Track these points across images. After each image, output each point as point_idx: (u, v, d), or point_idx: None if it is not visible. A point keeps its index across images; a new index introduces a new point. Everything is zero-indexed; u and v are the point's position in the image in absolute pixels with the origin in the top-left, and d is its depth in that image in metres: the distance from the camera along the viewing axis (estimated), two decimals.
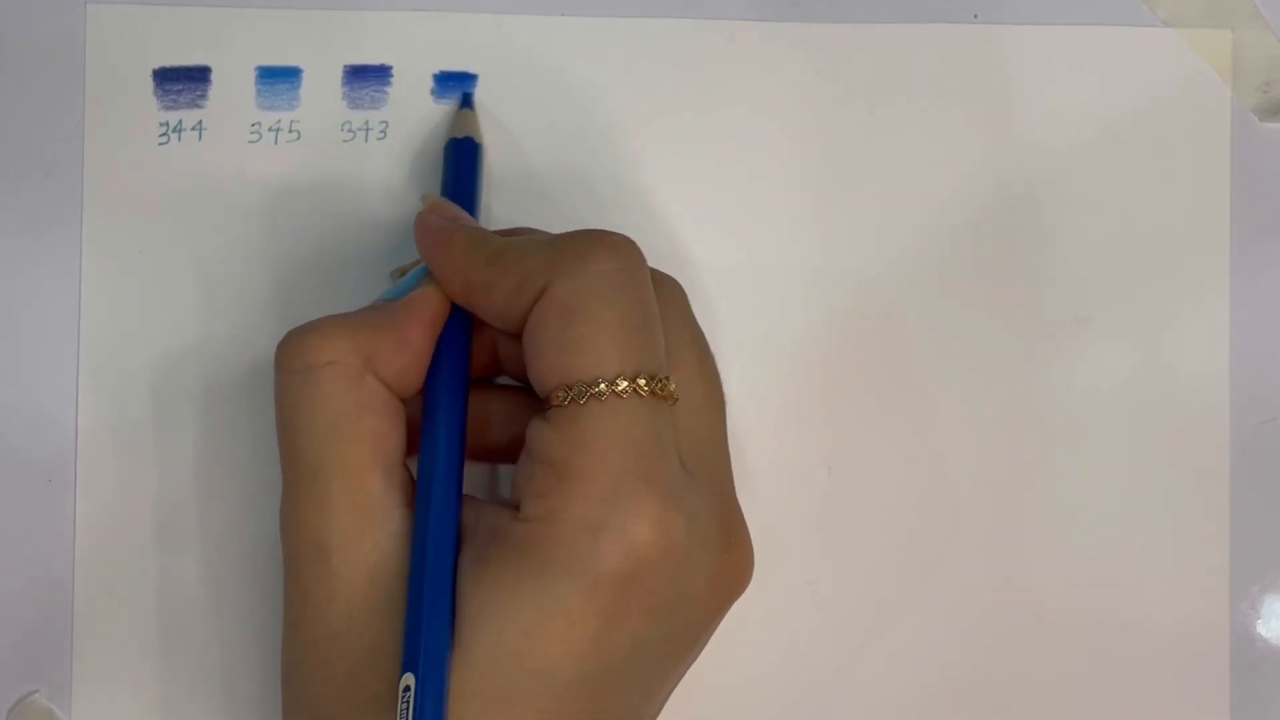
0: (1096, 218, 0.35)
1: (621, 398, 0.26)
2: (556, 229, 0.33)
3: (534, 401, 0.28)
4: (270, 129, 0.33)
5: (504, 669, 0.25)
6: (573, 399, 0.26)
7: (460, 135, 0.32)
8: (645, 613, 0.26)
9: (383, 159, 0.33)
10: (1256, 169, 0.35)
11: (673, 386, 0.27)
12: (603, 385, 0.26)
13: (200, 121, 0.33)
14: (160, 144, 0.33)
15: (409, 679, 0.25)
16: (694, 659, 0.29)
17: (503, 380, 0.32)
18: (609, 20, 0.34)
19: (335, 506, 0.27)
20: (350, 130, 0.33)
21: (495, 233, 0.29)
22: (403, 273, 0.31)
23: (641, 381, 0.26)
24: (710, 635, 0.29)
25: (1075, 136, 0.35)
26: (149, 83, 0.33)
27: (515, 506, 0.27)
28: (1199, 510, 0.35)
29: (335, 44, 0.33)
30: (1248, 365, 0.35)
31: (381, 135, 0.33)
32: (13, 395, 0.33)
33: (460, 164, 0.32)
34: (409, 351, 0.28)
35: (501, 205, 0.33)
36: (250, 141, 0.33)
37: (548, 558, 0.25)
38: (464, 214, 0.30)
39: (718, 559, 0.27)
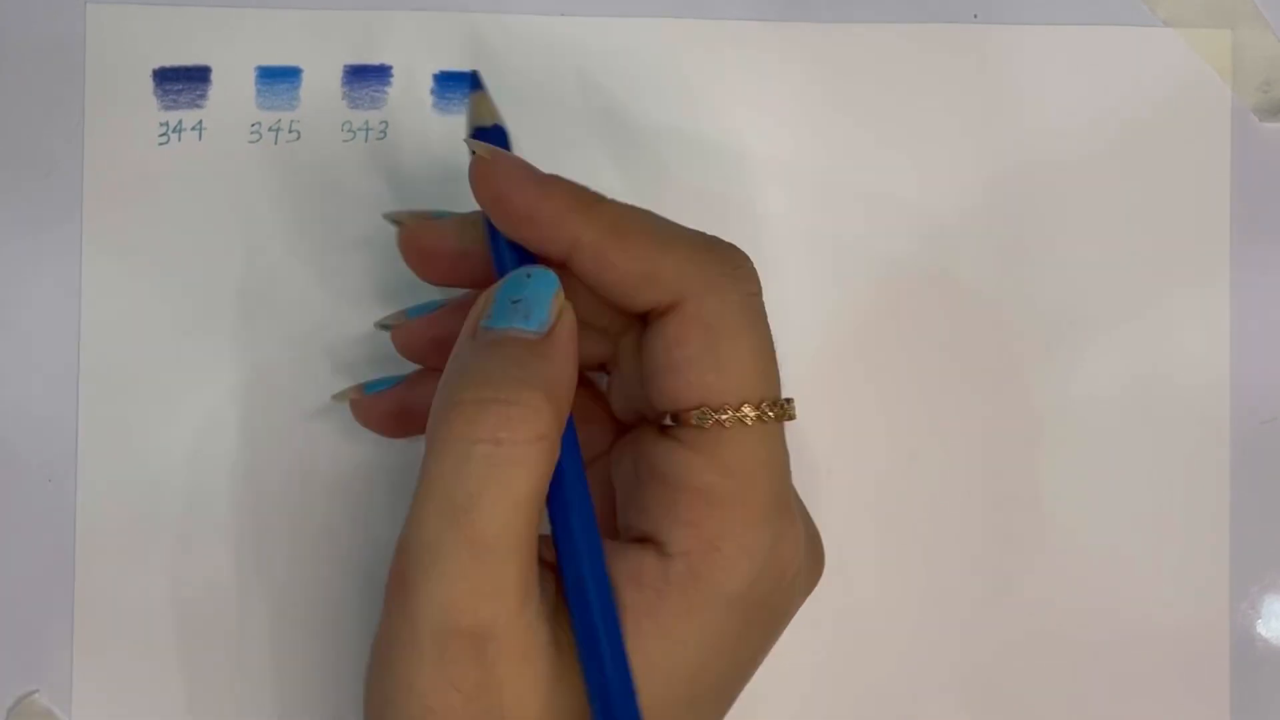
0: (1096, 217, 0.35)
1: (764, 423, 0.26)
2: None
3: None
4: (270, 129, 0.33)
5: (665, 713, 0.25)
6: (715, 422, 0.25)
7: (487, 124, 0.28)
8: (767, 624, 0.27)
9: (383, 159, 0.33)
10: (1256, 169, 0.35)
11: (794, 409, 0.27)
12: (747, 409, 0.25)
13: (200, 121, 0.33)
14: (160, 144, 0.33)
15: None
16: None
17: None
18: (609, 20, 0.34)
19: (505, 593, 0.24)
20: (350, 130, 0.33)
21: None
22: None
23: (776, 408, 0.26)
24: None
25: (1075, 136, 0.35)
26: (149, 83, 0.33)
27: (644, 540, 0.26)
28: (1199, 510, 0.35)
29: (335, 44, 0.33)
30: (1248, 365, 0.35)
31: (381, 135, 0.33)
32: (13, 395, 0.33)
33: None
34: (571, 401, 0.26)
35: None
36: (250, 141, 0.33)
37: (712, 592, 0.25)
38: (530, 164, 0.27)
39: (812, 562, 0.28)
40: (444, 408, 0.24)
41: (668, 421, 0.26)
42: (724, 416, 0.25)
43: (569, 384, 0.25)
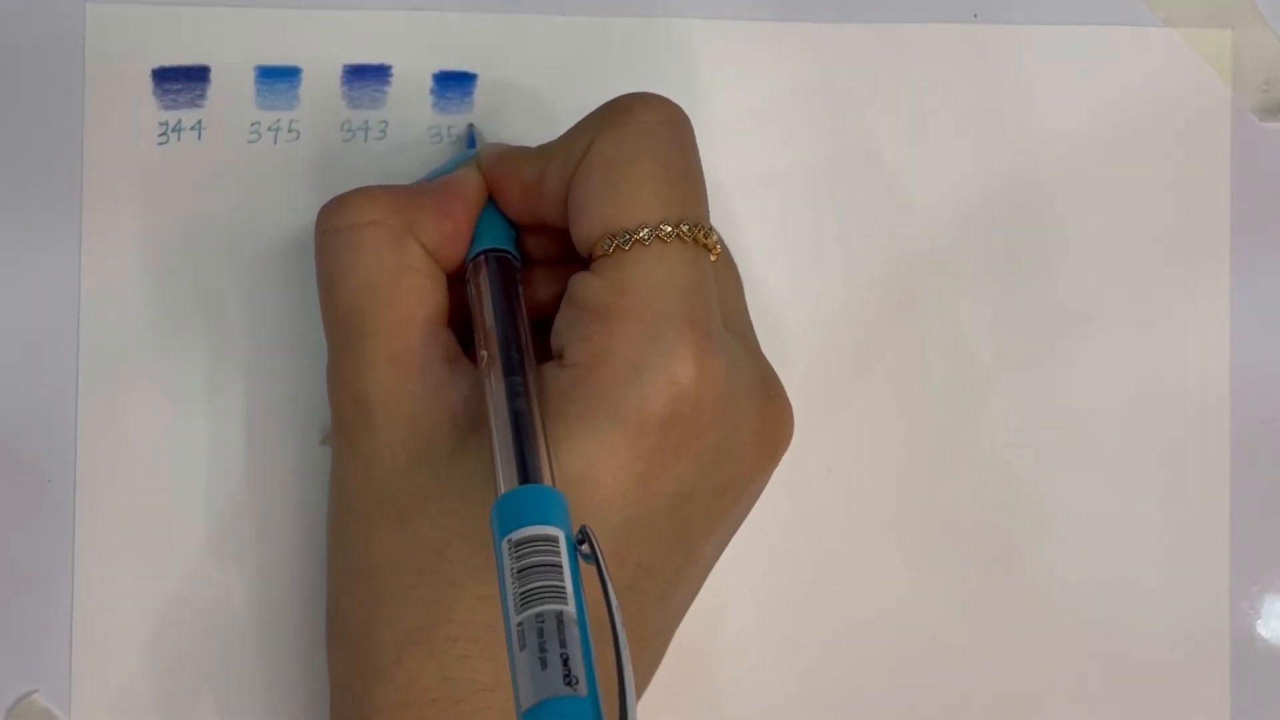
0: (1096, 217, 0.35)
1: (665, 243, 0.26)
2: None
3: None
4: (270, 129, 0.33)
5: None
6: (617, 247, 0.26)
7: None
8: (690, 456, 0.26)
9: (382, 158, 0.33)
10: (1256, 169, 0.35)
11: (715, 237, 0.28)
12: (645, 232, 0.26)
13: (200, 121, 0.33)
14: (160, 144, 0.33)
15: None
16: (738, 521, 0.29)
17: None
18: (609, 20, 0.34)
19: (376, 362, 0.27)
20: (350, 130, 0.33)
21: None
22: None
23: (685, 228, 0.27)
24: (755, 497, 0.29)
25: (1075, 136, 0.35)
26: (148, 82, 0.33)
27: (558, 357, 0.27)
28: (1199, 510, 0.35)
29: (335, 43, 0.33)
30: (1248, 365, 0.35)
31: (381, 135, 0.33)
32: (13, 395, 0.33)
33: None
34: (450, 221, 0.28)
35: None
36: (250, 141, 0.33)
37: (593, 399, 0.26)
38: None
39: (760, 410, 0.28)
40: None
41: (589, 259, 0.28)
42: (623, 241, 0.26)
43: (437, 206, 0.28)
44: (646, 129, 0.27)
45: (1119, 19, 0.35)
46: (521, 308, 0.28)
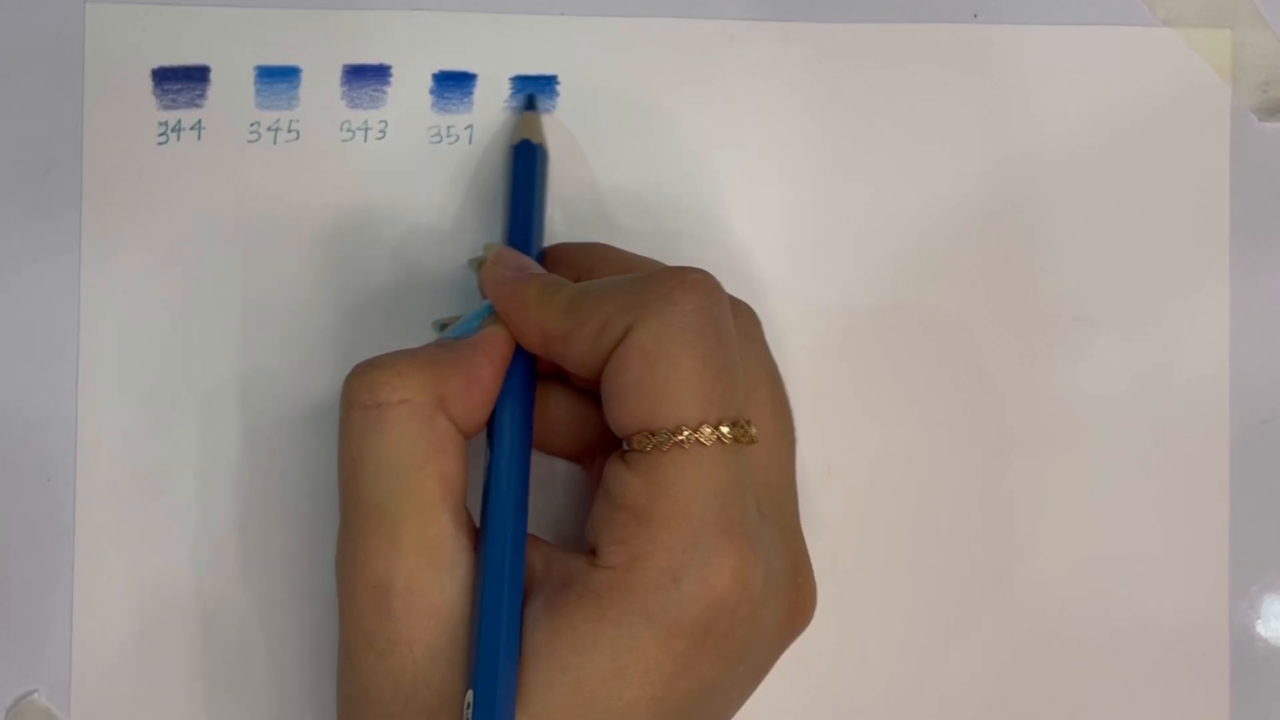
0: (1096, 217, 0.35)
1: (705, 445, 0.26)
2: (551, 229, 0.33)
3: (595, 402, 0.28)
4: (269, 128, 0.33)
5: (578, 715, 0.25)
6: (655, 445, 0.26)
7: (525, 139, 0.32)
8: (718, 657, 0.26)
9: (382, 158, 0.33)
10: (1256, 169, 0.35)
11: (754, 431, 0.27)
12: (686, 433, 0.26)
13: (199, 121, 0.33)
14: (159, 143, 0.33)
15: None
16: (752, 693, 0.29)
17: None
18: (609, 20, 0.34)
19: (403, 549, 0.26)
20: (349, 130, 0.33)
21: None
22: (443, 325, 0.30)
23: (725, 429, 0.26)
24: (769, 671, 0.29)
25: (1075, 136, 0.35)
26: (148, 82, 0.33)
27: (590, 551, 0.27)
28: (1199, 510, 0.35)
29: (334, 43, 0.33)
30: (1248, 365, 0.35)
31: (381, 135, 0.33)
32: (13, 395, 0.33)
33: (523, 170, 0.32)
34: (479, 391, 0.27)
35: (493, 209, 0.33)
36: (249, 141, 0.33)
37: (629, 605, 0.25)
38: (531, 263, 0.29)
39: (787, 601, 0.28)
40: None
41: (624, 446, 0.27)
42: (661, 441, 0.26)
43: (466, 373, 0.27)
44: (687, 320, 0.26)
45: (1119, 19, 0.35)
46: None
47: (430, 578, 0.26)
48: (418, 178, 0.33)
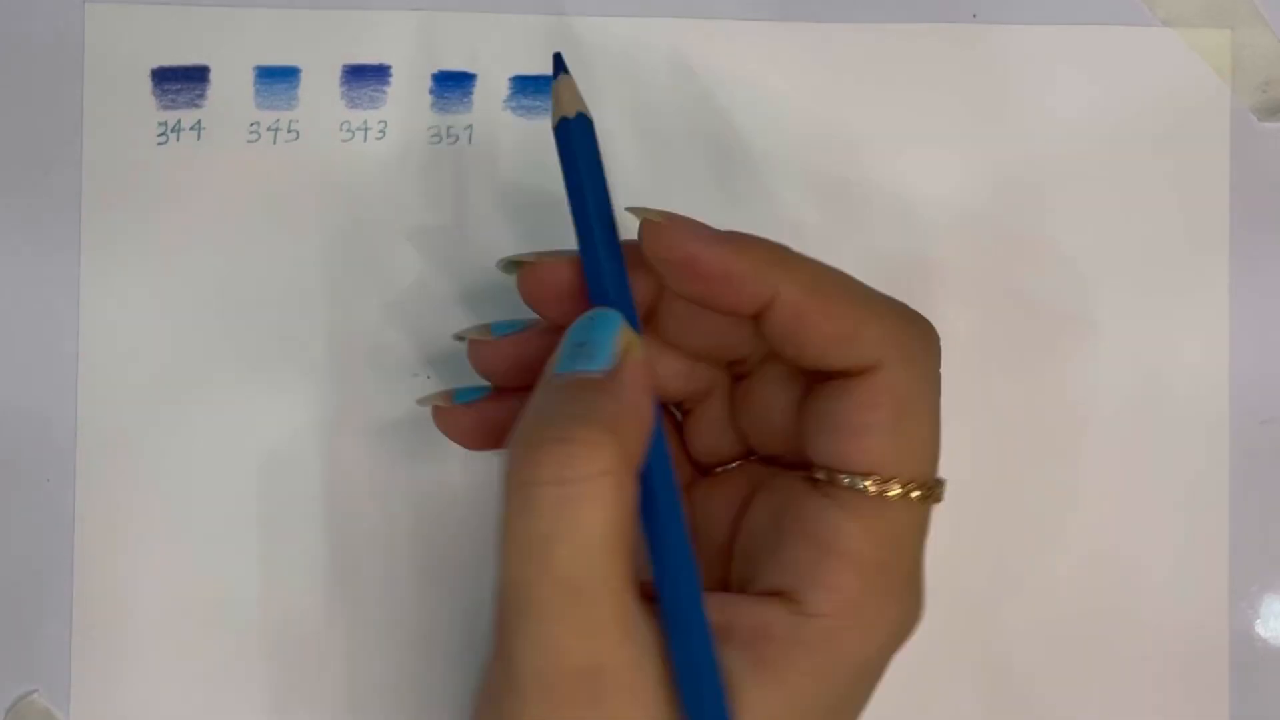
0: (1096, 217, 0.35)
1: (925, 503, 0.26)
2: (551, 233, 0.33)
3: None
4: (269, 128, 0.33)
5: None
6: (879, 492, 0.25)
7: (570, 114, 0.28)
8: (870, 688, 0.27)
9: (382, 158, 0.33)
10: (1256, 169, 0.35)
11: (943, 492, 0.27)
12: (917, 492, 0.26)
13: (199, 121, 0.33)
14: (159, 143, 0.33)
15: None
16: None
17: None
18: (609, 20, 0.34)
19: (607, 629, 0.24)
20: (349, 130, 0.33)
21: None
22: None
23: (938, 487, 0.26)
24: None
25: (1074, 136, 0.35)
26: (147, 82, 0.33)
27: (781, 594, 0.26)
28: (1199, 510, 0.35)
29: (334, 43, 0.33)
30: (1248, 365, 0.35)
31: (380, 135, 0.33)
32: (13, 395, 0.33)
33: (583, 149, 0.28)
34: (646, 429, 0.25)
35: (493, 209, 0.33)
36: (249, 141, 0.33)
37: (846, 657, 0.25)
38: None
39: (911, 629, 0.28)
40: (511, 451, 0.24)
41: (820, 476, 0.26)
42: (892, 490, 0.25)
43: (640, 418, 0.25)
44: (935, 373, 0.26)
45: (1119, 19, 0.35)
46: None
47: (633, 657, 0.24)
48: (417, 178, 0.33)
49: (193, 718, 0.33)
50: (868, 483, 0.25)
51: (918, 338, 0.26)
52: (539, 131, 0.34)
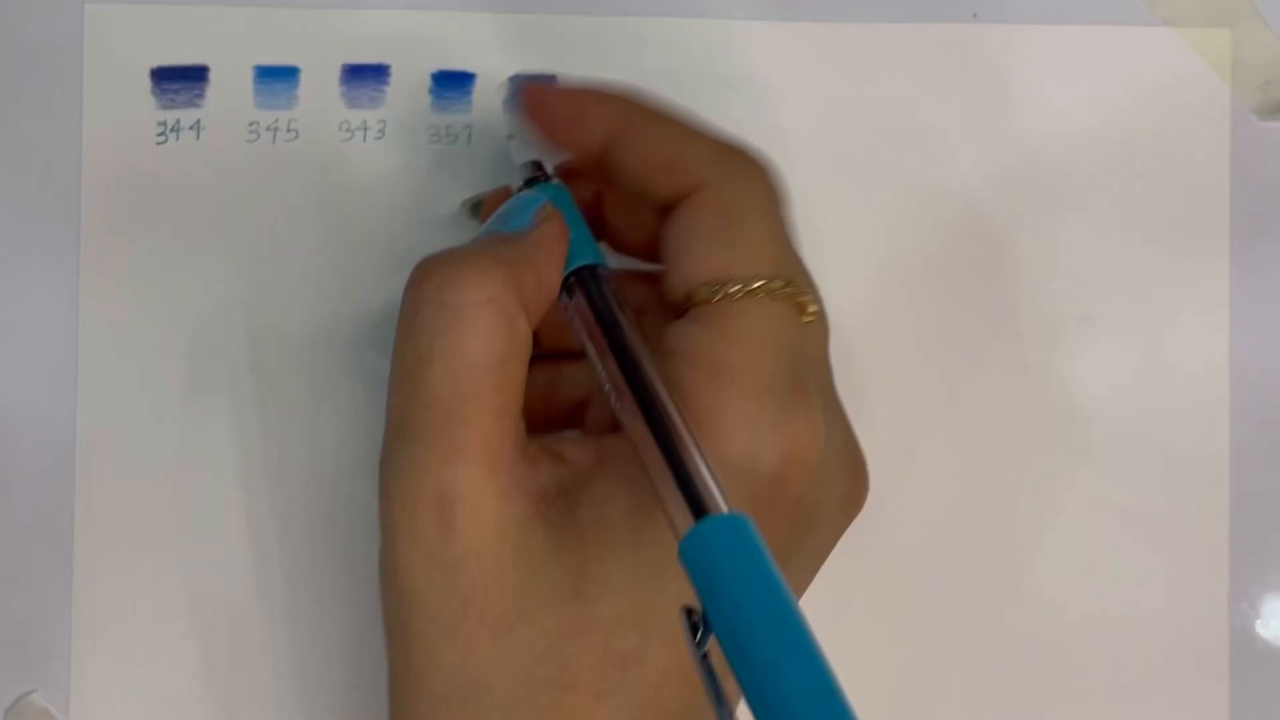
0: (1096, 217, 0.35)
1: (775, 300, 0.26)
2: None
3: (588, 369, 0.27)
4: (268, 128, 0.33)
5: (658, 578, 0.25)
6: (725, 295, 0.26)
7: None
8: (789, 522, 0.26)
9: (381, 158, 0.33)
10: (1256, 169, 0.35)
11: (813, 308, 0.27)
12: (759, 284, 0.26)
13: (198, 121, 0.33)
14: (158, 143, 0.33)
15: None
16: (811, 581, 0.28)
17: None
18: (609, 20, 0.34)
19: (468, 456, 0.24)
20: (348, 129, 0.33)
21: None
22: (473, 205, 0.30)
23: (791, 289, 0.26)
24: (828, 555, 0.28)
25: (1074, 136, 0.35)
26: (147, 82, 0.33)
27: None
28: (1199, 510, 0.35)
29: (333, 43, 0.33)
30: (1248, 365, 0.35)
31: (380, 134, 0.33)
32: (13, 395, 0.33)
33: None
34: (545, 293, 0.26)
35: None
36: (248, 141, 0.33)
37: (713, 456, 0.24)
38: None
39: (849, 474, 0.27)
40: (409, 276, 0.26)
41: (686, 303, 0.27)
42: (734, 289, 0.26)
43: (539, 270, 0.26)
44: (768, 185, 0.27)
45: (1119, 19, 0.35)
46: (633, 323, 0.26)
47: (501, 489, 0.24)
48: (417, 178, 0.33)
49: (192, 718, 0.33)
50: (708, 289, 0.26)
51: (739, 159, 0.27)
52: None
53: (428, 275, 0.25)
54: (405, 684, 0.25)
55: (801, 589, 0.28)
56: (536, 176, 0.29)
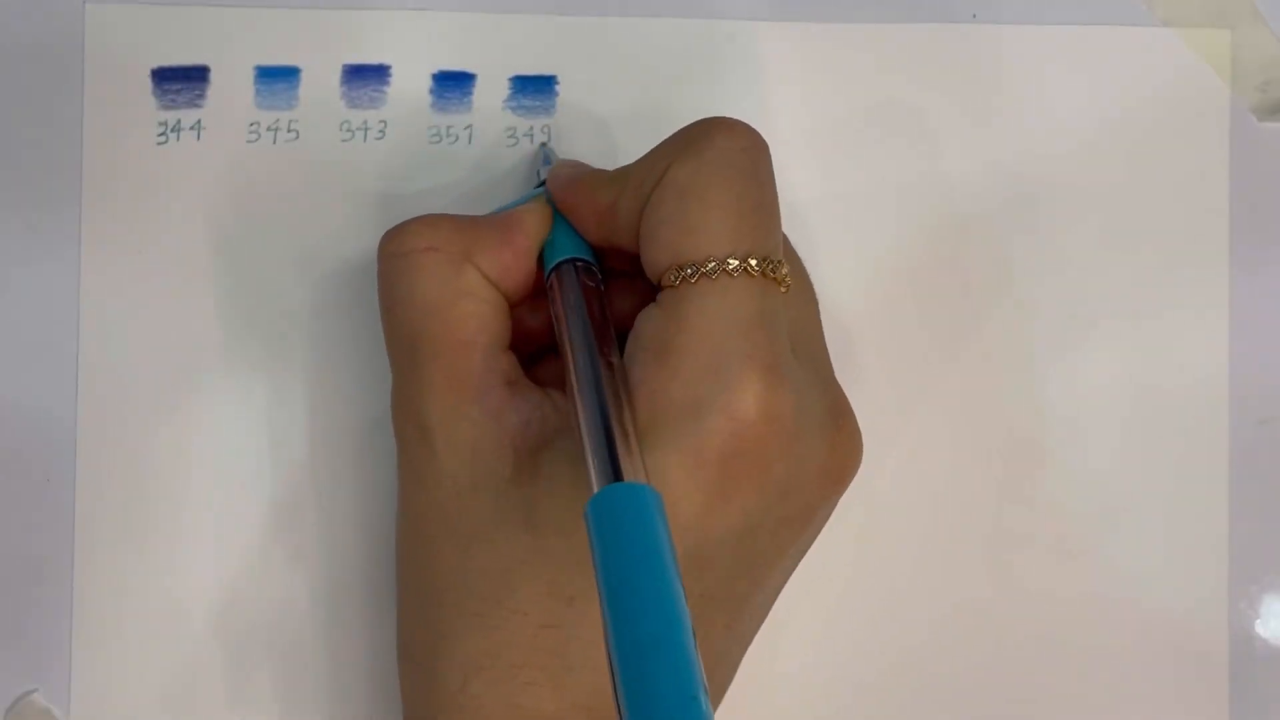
0: (1096, 217, 0.35)
1: (731, 276, 0.26)
2: None
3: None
4: (269, 128, 0.33)
5: None
6: (683, 279, 0.26)
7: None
8: (754, 489, 0.26)
9: (381, 158, 0.33)
10: (1256, 169, 0.35)
11: (785, 271, 0.27)
12: (713, 264, 0.26)
13: (199, 121, 0.33)
14: (159, 144, 0.33)
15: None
16: (805, 546, 0.29)
17: None
18: (609, 20, 0.34)
19: (435, 385, 0.27)
20: (349, 130, 0.33)
21: None
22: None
23: (753, 262, 0.26)
24: (823, 522, 0.29)
25: (1074, 136, 0.35)
26: (147, 82, 0.33)
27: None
28: (1199, 510, 0.35)
29: (334, 43, 0.33)
30: (1247, 365, 0.35)
31: (380, 135, 0.33)
32: (13, 395, 0.33)
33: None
34: (509, 251, 0.28)
35: (492, 209, 0.33)
36: (249, 141, 0.33)
37: (654, 440, 0.25)
38: (589, 166, 0.30)
39: (828, 441, 0.27)
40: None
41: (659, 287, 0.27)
42: (689, 274, 0.26)
43: (503, 234, 0.28)
44: (724, 157, 0.27)
45: (1119, 19, 0.35)
46: (605, 306, 0.28)
47: (464, 413, 0.27)
48: (417, 178, 0.33)
49: (192, 718, 0.33)
50: (670, 275, 0.26)
51: (696, 133, 0.27)
52: (539, 132, 0.34)
53: (388, 235, 0.28)
54: (398, 588, 0.29)
55: (778, 560, 0.28)
56: (545, 181, 0.30)
